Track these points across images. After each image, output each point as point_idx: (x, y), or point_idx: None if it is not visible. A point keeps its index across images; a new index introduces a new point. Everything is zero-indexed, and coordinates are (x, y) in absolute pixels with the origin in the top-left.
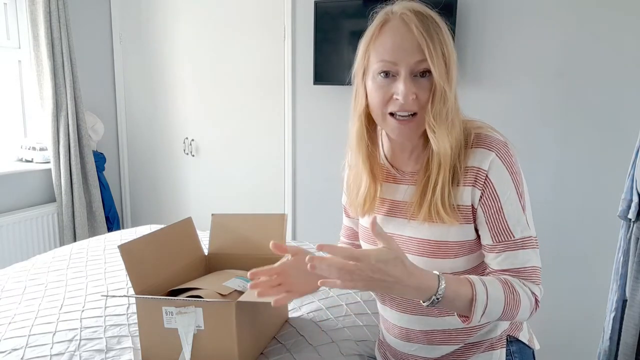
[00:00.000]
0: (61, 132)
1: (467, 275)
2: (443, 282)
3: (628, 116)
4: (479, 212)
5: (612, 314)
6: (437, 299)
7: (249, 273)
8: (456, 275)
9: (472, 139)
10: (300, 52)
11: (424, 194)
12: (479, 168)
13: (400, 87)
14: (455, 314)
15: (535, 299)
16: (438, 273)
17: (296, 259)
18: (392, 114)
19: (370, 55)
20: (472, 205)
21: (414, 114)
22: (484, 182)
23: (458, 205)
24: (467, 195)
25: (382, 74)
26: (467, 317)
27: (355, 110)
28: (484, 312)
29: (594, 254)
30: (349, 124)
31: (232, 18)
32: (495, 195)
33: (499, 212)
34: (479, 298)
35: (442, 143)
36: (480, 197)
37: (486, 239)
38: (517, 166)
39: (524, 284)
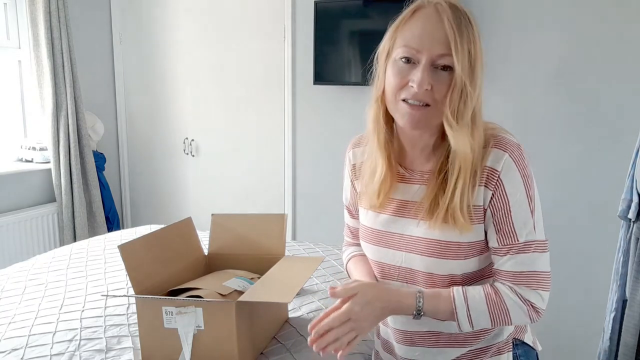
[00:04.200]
0: (61, 132)
1: (452, 288)
2: (421, 301)
3: (628, 116)
4: (488, 213)
5: (612, 314)
6: (419, 314)
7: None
8: (438, 290)
9: (488, 140)
10: (300, 52)
11: (438, 196)
12: (493, 168)
13: (417, 75)
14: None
15: (530, 305)
16: (417, 291)
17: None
18: (404, 100)
19: (397, 38)
20: (482, 205)
21: (427, 105)
22: (496, 183)
23: (472, 205)
24: (480, 195)
25: (403, 59)
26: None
27: (374, 93)
28: (470, 323)
29: (594, 254)
30: (366, 108)
31: (232, 18)
32: (505, 197)
33: (507, 214)
34: (459, 311)
35: (461, 142)
36: (491, 198)
37: (492, 241)
38: (529, 169)
39: (515, 291)
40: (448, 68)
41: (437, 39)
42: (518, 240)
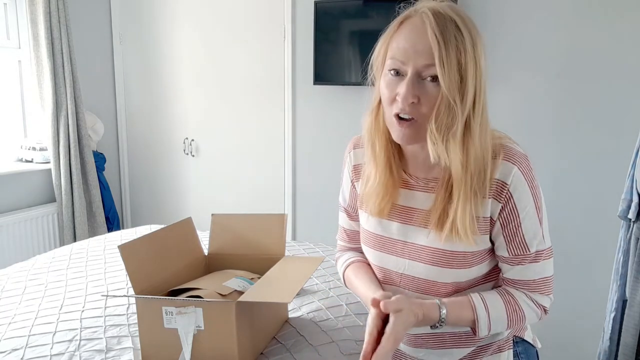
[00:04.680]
0: (61, 132)
1: (470, 296)
2: (444, 310)
3: (628, 116)
4: (497, 225)
5: (612, 314)
6: (441, 324)
7: None
8: (458, 298)
9: (498, 151)
10: (300, 52)
11: (446, 210)
12: (502, 181)
13: (402, 88)
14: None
15: (543, 309)
16: (438, 302)
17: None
18: (396, 115)
19: (387, 49)
20: (490, 217)
21: (413, 119)
22: (505, 196)
23: (478, 217)
24: (487, 207)
25: (392, 72)
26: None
27: (370, 103)
28: (489, 330)
29: (594, 254)
30: (362, 117)
31: (232, 18)
32: (515, 211)
33: (517, 227)
34: (480, 320)
35: (450, 158)
36: (501, 210)
37: (502, 251)
38: (536, 180)
39: (530, 297)
40: (437, 79)
41: (421, 50)
42: (529, 251)
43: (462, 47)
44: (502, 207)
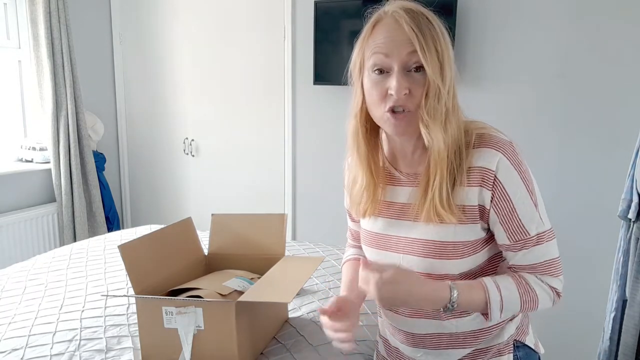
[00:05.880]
0: (61, 132)
1: (481, 279)
2: (455, 292)
3: (628, 116)
4: (492, 213)
5: (612, 314)
6: (452, 306)
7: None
8: (469, 281)
9: (474, 139)
10: (300, 52)
11: (425, 195)
12: (486, 168)
13: (393, 82)
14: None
15: (555, 291)
16: (450, 283)
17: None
18: (387, 110)
19: (364, 52)
20: (479, 205)
21: (410, 111)
22: (493, 183)
23: (463, 205)
24: (473, 195)
25: (376, 72)
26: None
27: (352, 109)
28: (501, 312)
29: (594, 254)
30: (346, 122)
31: (232, 18)
32: (507, 196)
33: (512, 212)
34: (492, 300)
35: (435, 138)
36: (492, 198)
37: (502, 239)
38: (525, 164)
39: (541, 279)
40: (421, 69)
41: (402, 44)
42: (529, 235)
43: (436, 35)
44: (492, 194)
